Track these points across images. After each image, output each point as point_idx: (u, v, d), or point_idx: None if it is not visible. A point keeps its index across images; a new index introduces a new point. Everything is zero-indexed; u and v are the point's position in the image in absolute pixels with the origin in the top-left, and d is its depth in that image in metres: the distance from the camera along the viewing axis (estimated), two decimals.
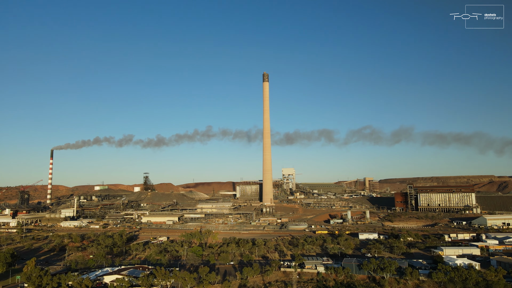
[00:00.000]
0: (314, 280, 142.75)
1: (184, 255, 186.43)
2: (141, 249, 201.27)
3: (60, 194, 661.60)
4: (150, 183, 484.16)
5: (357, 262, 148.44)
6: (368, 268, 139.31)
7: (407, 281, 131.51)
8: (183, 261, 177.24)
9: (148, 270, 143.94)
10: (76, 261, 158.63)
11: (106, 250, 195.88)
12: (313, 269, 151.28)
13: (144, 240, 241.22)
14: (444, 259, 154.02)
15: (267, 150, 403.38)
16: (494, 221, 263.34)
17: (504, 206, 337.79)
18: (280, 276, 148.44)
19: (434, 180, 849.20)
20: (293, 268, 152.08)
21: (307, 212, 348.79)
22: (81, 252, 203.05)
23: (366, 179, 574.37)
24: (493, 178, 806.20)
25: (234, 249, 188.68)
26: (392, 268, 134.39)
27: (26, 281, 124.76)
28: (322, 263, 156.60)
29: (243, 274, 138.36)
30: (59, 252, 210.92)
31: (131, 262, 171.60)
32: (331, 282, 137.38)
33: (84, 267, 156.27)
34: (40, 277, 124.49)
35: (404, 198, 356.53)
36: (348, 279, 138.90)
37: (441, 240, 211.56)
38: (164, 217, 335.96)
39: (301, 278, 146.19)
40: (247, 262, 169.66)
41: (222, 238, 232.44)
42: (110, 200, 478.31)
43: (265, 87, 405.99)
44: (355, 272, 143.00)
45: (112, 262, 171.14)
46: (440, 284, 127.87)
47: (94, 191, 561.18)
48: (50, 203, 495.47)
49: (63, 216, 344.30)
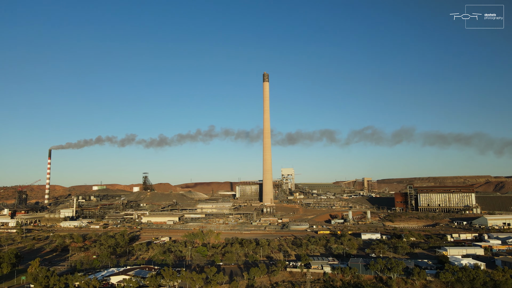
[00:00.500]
0: (321, 280, 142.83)
1: (188, 255, 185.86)
2: (144, 249, 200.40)
3: (57, 194, 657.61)
4: (149, 183, 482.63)
5: (364, 262, 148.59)
6: (375, 268, 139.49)
7: (414, 281, 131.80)
8: (187, 261, 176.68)
9: (154, 271, 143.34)
10: (81, 261, 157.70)
11: (110, 250, 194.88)
12: (320, 269, 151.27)
13: (146, 240, 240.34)
14: (450, 259, 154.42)
15: (267, 150, 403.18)
16: (494, 221, 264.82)
17: (503, 206, 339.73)
18: (287, 276, 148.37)
19: (431, 180, 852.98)
20: (299, 268, 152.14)
21: (308, 212, 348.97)
22: (84, 253, 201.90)
23: (364, 179, 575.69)
24: (489, 178, 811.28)
25: (238, 249, 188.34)
26: (399, 268, 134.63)
27: (33, 281, 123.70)
28: (328, 263, 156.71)
29: (250, 274, 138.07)
30: (61, 252, 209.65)
31: (136, 262, 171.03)
32: (338, 282, 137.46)
33: (89, 268, 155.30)
34: (47, 277, 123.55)
35: (404, 198, 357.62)
36: (355, 279, 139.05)
37: (443, 240, 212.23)
38: (165, 217, 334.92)
39: (306, 278, 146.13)
40: (252, 262, 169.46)
41: (224, 238, 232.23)
42: (109, 200, 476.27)
43: (265, 87, 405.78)
44: (362, 272, 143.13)
45: (117, 263, 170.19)
46: (447, 284, 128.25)
47: (92, 191, 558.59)
48: (48, 203, 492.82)
49: (62, 216, 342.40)
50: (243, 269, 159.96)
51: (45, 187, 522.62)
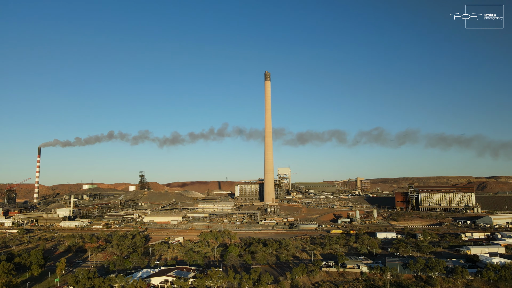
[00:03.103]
0: (360, 280, 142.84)
1: (212, 255, 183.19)
2: (166, 249, 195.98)
3: (41, 193, 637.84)
4: (145, 181, 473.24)
5: (401, 262, 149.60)
6: (415, 267, 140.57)
7: (456, 280, 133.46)
8: (216, 261, 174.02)
9: (192, 271, 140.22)
10: (113, 262, 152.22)
11: (129, 250, 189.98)
12: (356, 268, 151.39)
13: (158, 240, 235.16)
14: (480, 258, 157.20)
15: (268, 149, 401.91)
16: (498, 221, 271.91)
17: (498, 206, 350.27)
18: (324, 276, 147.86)
19: (415, 180, 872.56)
20: (335, 268, 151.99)
21: (311, 211, 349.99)
22: (101, 253, 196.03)
23: (357, 179, 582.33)
24: (470, 178, 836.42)
25: (262, 249, 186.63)
26: (440, 267, 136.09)
27: (74, 283, 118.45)
28: (362, 262, 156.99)
29: (293, 274, 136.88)
30: (76, 253, 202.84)
31: (166, 263, 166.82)
32: (380, 281, 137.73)
33: (122, 269, 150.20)
34: (90, 279, 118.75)
35: (405, 198, 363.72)
36: (395, 279, 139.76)
37: (458, 239, 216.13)
38: (168, 216, 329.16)
39: (345, 278, 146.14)
40: (283, 262, 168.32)
41: (239, 238, 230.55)
42: (103, 199, 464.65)
43: (267, 86, 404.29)
44: (400, 271, 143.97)
45: (148, 263, 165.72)
46: (488, 282, 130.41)
47: (83, 190, 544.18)
48: (37, 203, 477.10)
49: (61, 216, 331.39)
50: (275, 269, 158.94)
51: (34, 186, 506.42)
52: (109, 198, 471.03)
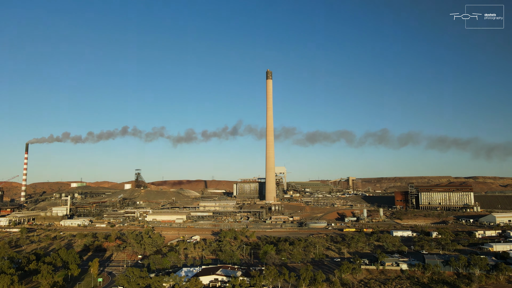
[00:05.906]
0: (402, 277, 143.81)
1: (240, 253, 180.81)
2: (191, 248, 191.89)
3: (21, 191, 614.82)
4: (142, 179, 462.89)
5: (441, 259, 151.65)
6: (457, 264, 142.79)
7: (498, 276, 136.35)
8: (248, 260, 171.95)
9: (238, 270, 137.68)
10: (153, 261, 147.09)
11: (154, 249, 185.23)
12: (395, 266, 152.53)
13: (173, 239, 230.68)
14: (511, 255, 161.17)
15: (270, 147, 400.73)
16: (502, 219, 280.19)
17: (491, 205, 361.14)
18: (365, 274, 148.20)
19: (398, 180, 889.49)
20: (375, 265, 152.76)
21: (315, 210, 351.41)
22: (123, 252, 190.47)
23: (350, 179, 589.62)
24: (450, 178, 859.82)
25: (289, 248, 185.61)
26: (483, 264, 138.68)
27: (126, 283, 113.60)
28: (400, 260, 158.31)
29: (340, 272, 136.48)
30: (94, 252, 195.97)
31: (203, 261, 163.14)
32: (424, 279, 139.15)
33: (161, 268, 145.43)
34: (142, 278, 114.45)
35: (404, 197, 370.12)
36: (437, 276, 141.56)
37: (472, 237, 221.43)
38: (171, 215, 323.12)
39: (386, 275, 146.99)
40: (318, 261, 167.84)
41: (256, 237, 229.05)
42: (95, 198, 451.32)
43: (268, 84, 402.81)
44: (441, 268, 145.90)
45: (185, 262, 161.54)
46: None
47: (71, 189, 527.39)
48: (24, 201, 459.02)
49: (60, 215, 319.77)
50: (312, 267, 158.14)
51: (20, 184, 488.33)
52: (101, 196, 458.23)
